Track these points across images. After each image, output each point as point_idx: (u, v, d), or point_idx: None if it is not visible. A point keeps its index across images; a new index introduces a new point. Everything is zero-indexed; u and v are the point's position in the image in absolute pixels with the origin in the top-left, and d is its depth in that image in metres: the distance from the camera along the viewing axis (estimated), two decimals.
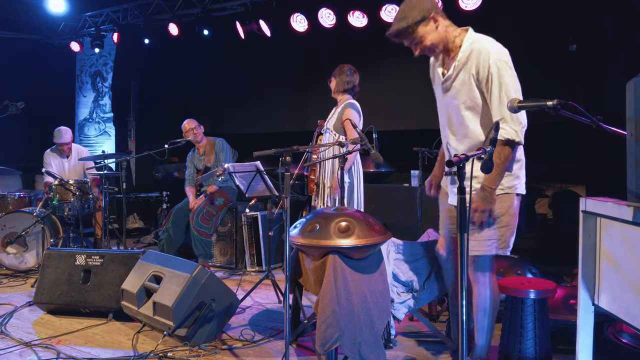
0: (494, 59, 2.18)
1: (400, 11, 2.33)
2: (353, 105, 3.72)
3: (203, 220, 4.72)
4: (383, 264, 2.52)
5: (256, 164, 3.25)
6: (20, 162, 6.27)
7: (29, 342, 2.94)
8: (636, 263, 1.54)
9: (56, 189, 4.76)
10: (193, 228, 4.67)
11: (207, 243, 4.76)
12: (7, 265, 4.61)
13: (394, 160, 5.26)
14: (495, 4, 4.62)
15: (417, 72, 5.38)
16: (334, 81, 3.84)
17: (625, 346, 2.51)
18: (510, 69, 2.21)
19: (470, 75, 2.25)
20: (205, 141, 5.08)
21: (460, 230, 1.77)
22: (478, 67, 2.21)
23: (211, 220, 4.79)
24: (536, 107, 2.33)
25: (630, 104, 1.58)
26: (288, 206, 2.47)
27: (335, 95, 3.85)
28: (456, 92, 2.34)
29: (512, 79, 2.20)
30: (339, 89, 3.80)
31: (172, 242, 4.75)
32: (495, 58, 2.18)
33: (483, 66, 2.19)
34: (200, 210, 4.72)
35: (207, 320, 2.92)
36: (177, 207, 4.93)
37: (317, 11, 5.45)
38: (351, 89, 3.80)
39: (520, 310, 2.34)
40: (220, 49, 6.60)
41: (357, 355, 2.28)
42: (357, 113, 3.70)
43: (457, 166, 1.78)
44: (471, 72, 2.24)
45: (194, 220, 4.67)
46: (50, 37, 7.95)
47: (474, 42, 2.26)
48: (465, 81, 2.28)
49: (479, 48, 2.22)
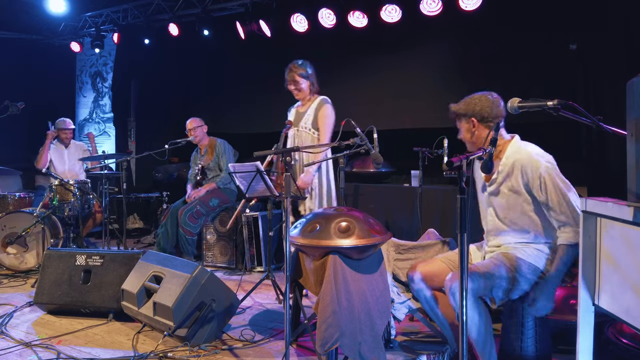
0: (543, 167, 2.29)
1: (478, 98, 2.45)
2: (328, 101, 3.75)
3: (191, 219, 4.75)
4: (383, 264, 2.52)
5: (256, 164, 3.25)
6: (20, 162, 6.26)
7: (29, 343, 2.94)
8: (636, 263, 1.54)
9: (56, 189, 4.77)
10: (179, 224, 4.73)
11: (190, 241, 4.79)
12: (8, 265, 4.61)
13: (394, 160, 5.26)
14: (495, 4, 4.62)
15: (417, 72, 5.44)
16: (305, 82, 3.75)
17: (625, 346, 2.51)
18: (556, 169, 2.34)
19: (519, 183, 2.36)
20: (207, 141, 5.09)
21: (460, 230, 1.77)
22: (527, 177, 2.33)
23: (199, 219, 4.82)
24: (537, 107, 2.34)
25: (631, 104, 1.58)
26: (288, 206, 2.48)
27: (311, 97, 3.80)
28: (502, 194, 2.45)
29: (564, 181, 2.31)
30: (315, 89, 3.80)
31: (168, 237, 4.78)
32: (544, 166, 2.30)
33: (532, 176, 2.31)
34: (191, 208, 4.75)
35: (207, 321, 2.92)
36: (175, 203, 4.97)
37: (317, 11, 5.45)
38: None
39: (521, 309, 2.34)
40: (220, 49, 6.61)
41: (357, 355, 2.28)
42: (332, 109, 3.74)
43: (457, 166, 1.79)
44: (518, 181, 2.36)
45: (181, 217, 4.72)
46: (50, 38, 7.96)
47: (516, 152, 2.39)
48: (513, 187, 2.39)
49: (522, 158, 2.35)
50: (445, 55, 5.24)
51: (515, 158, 2.37)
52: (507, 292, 2.33)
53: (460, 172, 1.78)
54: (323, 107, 3.70)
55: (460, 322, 1.80)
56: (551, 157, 2.35)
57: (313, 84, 3.78)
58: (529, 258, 2.34)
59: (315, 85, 3.79)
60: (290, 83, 3.77)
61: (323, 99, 3.76)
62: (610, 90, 4.19)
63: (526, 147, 2.39)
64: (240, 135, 6.11)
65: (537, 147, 2.41)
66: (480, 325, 2.28)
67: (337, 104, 4.26)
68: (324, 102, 3.73)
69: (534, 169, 2.30)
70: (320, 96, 3.79)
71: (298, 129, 3.77)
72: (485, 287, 2.29)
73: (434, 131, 4.21)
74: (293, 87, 3.77)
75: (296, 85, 3.75)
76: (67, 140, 5.66)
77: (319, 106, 3.72)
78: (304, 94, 3.78)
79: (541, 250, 2.36)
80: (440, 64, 5.28)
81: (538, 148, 2.40)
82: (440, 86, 5.26)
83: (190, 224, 4.78)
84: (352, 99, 5.65)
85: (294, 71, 3.73)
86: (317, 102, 3.74)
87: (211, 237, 4.96)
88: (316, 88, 3.81)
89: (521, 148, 2.39)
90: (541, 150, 2.39)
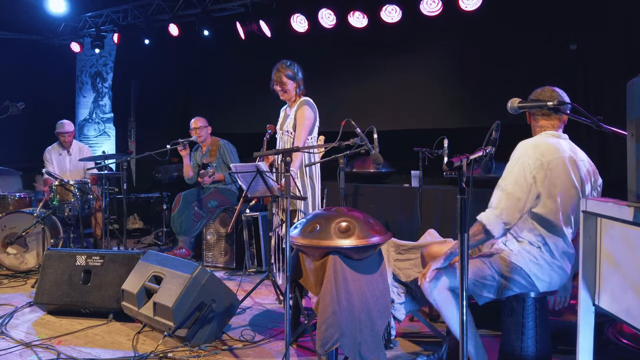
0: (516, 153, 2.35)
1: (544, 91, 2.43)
2: (309, 103, 3.61)
3: (190, 222, 4.89)
4: (383, 264, 2.52)
5: (257, 164, 3.25)
6: (20, 162, 6.26)
7: (29, 343, 2.94)
8: (637, 263, 1.54)
9: (57, 190, 4.77)
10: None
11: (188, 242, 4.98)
12: (8, 265, 4.61)
13: (394, 160, 5.27)
14: (495, 4, 4.62)
15: (418, 72, 5.44)
16: (292, 84, 3.63)
17: (625, 346, 2.52)
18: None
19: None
20: (210, 140, 5.10)
21: (460, 230, 1.77)
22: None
23: (199, 221, 4.90)
24: (537, 107, 2.34)
25: (631, 104, 1.58)
26: (289, 206, 2.48)
27: (297, 99, 3.67)
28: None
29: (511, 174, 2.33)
30: (301, 91, 3.68)
31: (183, 220, 4.91)
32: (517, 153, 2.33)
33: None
34: (189, 212, 4.86)
35: (207, 321, 2.92)
36: (184, 192, 5.05)
37: (317, 11, 5.44)
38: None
39: (522, 309, 2.34)
40: (220, 49, 6.61)
41: (357, 355, 2.28)
42: (313, 111, 3.59)
43: (457, 166, 1.79)
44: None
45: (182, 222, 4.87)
46: (50, 38, 7.95)
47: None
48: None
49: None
50: (445, 55, 5.24)
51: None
52: (497, 292, 2.32)
53: (460, 172, 1.78)
54: (302, 108, 3.55)
55: (460, 322, 1.80)
56: (545, 158, 2.26)
57: (299, 86, 3.65)
58: (517, 260, 2.31)
59: (301, 87, 3.66)
60: (276, 83, 3.63)
61: (304, 100, 3.61)
62: (610, 90, 4.19)
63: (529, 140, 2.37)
64: (240, 135, 6.10)
65: (542, 142, 2.33)
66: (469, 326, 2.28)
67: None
68: (304, 103, 3.58)
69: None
70: (303, 97, 3.64)
71: (282, 132, 3.67)
72: (472, 287, 2.29)
73: (434, 131, 4.21)
74: (279, 88, 3.64)
75: (282, 87, 3.61)
76: (67, 144, 5.56)
77: (298, 107, 3.58)
78: (289, 96, 3.65)
79: (530, 252, 2.32)
80: (440, 64, 5.28)
81: (542, 141, 2.33)
82: (440, 86, 5.26)
83: (190, 227, 4.82)
84: (352, 99, 5.65)
85: (281, 71, 3.60)
86: (298, 104, 3.61)
87: (211, 237, 4.96)
88: (302, 90, 3.68)
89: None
90: (552, 149, 2.30)
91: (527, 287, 2.30)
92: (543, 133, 2.40)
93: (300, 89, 3.67)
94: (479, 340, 2.33)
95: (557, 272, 2.29)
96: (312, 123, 3.57)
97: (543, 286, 2.29)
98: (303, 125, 3.51)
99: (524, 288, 2.30)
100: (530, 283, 2.29)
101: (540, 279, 2.28)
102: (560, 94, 2.36)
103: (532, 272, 2.28)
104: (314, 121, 3.58)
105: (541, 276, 2.28)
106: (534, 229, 2.31)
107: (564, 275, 2.32)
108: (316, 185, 3.64)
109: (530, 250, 2.30)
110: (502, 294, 2.32)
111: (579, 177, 2.31)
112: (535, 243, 2.31)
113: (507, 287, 2.30)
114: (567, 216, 2.29)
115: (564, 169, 2.28)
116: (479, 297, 2.32)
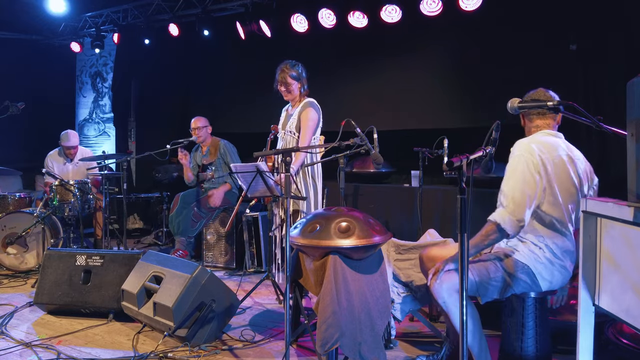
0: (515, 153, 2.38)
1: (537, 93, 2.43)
2: (313, 104, 3.61)
3: (190, 223, 4.90)
4: (383, 264, 2.51)
5: (257, 164, 3.25)
6: (20, 162, 6.26)
7: (29, 343, 2.94)
8: (637, 263, 1.54)
9: (56, 190, 4.76)
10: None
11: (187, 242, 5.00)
12: (8, 265, 4.61)
13: (394, 160, 5.26)
14: (495, 4, 4.62)
15: (418, 72, 5.44)
16: (296, 84, 3.63)
17: (625, 346, 2.51)
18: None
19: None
20: (210, 141, 5.09)
21: (460, 230, 1.77)
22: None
23: (198, 222, 4.92)
24: (537, 107, 2.35)
25: (631, 104, 1.58)
26: (289, 206, 2.48)
27: (300, 99, 3.66)
28: None
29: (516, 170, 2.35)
30: (305, 92, 3.68)
31: (181, 221, 4.92)
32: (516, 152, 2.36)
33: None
34: (187, 213, 4.87)
35: (207, 321, 2.92)
36: (183, 193, 5.05)
37: (317, 11, 5.44)
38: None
39: (522, 309, 2.34)
40: (221, 49, 6.61)
41: (357, 355, 2.28)
42: (317, 112, 3.60)
43: (457, 166, 1.79)
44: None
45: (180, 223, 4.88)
46: (50, 38, 7.95)
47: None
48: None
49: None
50: (445, 55, 5.24)
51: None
52: (500, 291, 2.33)
53: (460, 172, 1.78)
54: (306, 110, 3.55)
55: (460, 322, 1.80)
56: (545, 155, 2.28)
57: (303, 87, 3.66)
58: (524, 259, 2.33)
59: (305, 87, 3.67)
60: (280, 84, 3.63)
61: (308, 101, 3.62)
62: (610, 90, 4.19)
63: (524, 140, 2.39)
64: (240, 135, 6.10)
65: (540, 141, 2.34)
66: (474, 329, 2.28)
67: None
68: (308, 105, 3.59)
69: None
70: (308, 98, 3.65)
71: (285, 132, 3.67)
72: (479, 287, 2.29)
73: (434, 131, 4.20)
74: (283, 89, 3.64)
75: (287, 87, 3.62)
76: (71, 155, 5.49)
77: (303, 108, 3.58)
78: (293, 96, 3.66)
79: (534, 252, 2.33)
80: (440, 63, 5.28)
81: (540, 140, 2.34)
82: (440, 86, 5.26)
83: (189, 228, 4.83)
84: (352, 99, 5.65)
85: (285, 72, 3.60)
86: (302, 105, 3.61)
87: (211, 237, 4.96)
88: (306, 91, 3.68)
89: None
90: (544, 144, 2.31)
91: (530, 286, 2.31)
92: (539, 132, 2.41)
93: (304, 88, 3.68)
94: (485, 342, 2.33)
95: (560, 271, 2.30)
96: (316, 124, 3.59)
97: (545, 285, 2.30)
98: (307, 127, 3.53)
99: (526, 287, 2.31)
100: (534, 282, 2.29)
101: (544, 278, 2.29)
102: (553, 95, 2.37)
103: (537, 270, 2.29)
104: (317, 122, 3.60)
105: (545, 275, 2.29)
106: (536, 229, 2.32)
107: (566, 274, 2.33)
108: (318, 185, 3.65)
109: (534, 250, 2.32)
110: (504, 294, 2.32)
111: (577, 175, 2.34)
112: (537, 243, 2.32)
113: (510, 286, 2.30)
114: (568, 214, 2.30)
115: (563, 167, 2.30)
116: (484, 297, 2.32)
